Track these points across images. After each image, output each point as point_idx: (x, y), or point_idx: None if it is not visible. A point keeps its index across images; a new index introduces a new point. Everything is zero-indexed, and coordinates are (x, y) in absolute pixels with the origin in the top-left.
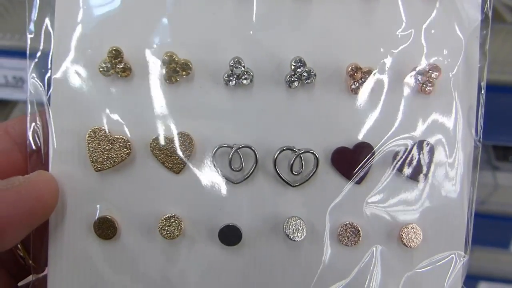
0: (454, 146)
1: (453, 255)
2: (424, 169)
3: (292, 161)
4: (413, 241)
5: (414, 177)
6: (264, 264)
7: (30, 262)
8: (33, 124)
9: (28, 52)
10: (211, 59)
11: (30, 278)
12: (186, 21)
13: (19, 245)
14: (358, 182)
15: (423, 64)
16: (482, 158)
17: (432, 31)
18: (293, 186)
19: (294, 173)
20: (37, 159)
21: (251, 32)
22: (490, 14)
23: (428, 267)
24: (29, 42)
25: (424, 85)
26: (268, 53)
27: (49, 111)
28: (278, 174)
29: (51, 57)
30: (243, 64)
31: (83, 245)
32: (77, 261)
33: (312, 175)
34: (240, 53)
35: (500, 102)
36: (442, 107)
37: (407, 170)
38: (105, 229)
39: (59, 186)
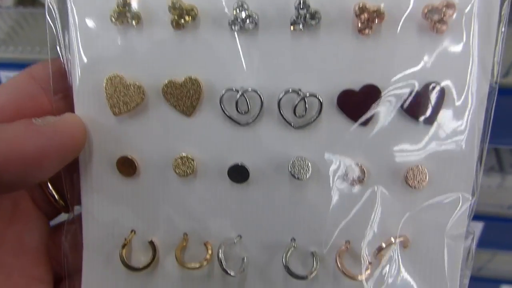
0: (465, 89)
1: (460, 195)
2: (433, 111)
3: (296, 104)
4: (418, 182)
5: (421, 119)
6: (271, 202)
7: (61, 201)
8: (56, 70)
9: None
10: (217, 4)
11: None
12: None
13: (49, 185)
14: (364, 124)
15: (436, 1)
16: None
17: None
18: (296, 128)
19: (297, 115)
20: (62, 103)
21: None
22: None
23: (432, 207)
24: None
25: (437, 24)
26: None
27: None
28: (282, 115)
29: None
30: (246, 8)
31: (109, 181)
32: (106, 196)
33: (316, 118)
34: None
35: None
36: (454, 48)
37: (415, 112)
38: (127, 167)
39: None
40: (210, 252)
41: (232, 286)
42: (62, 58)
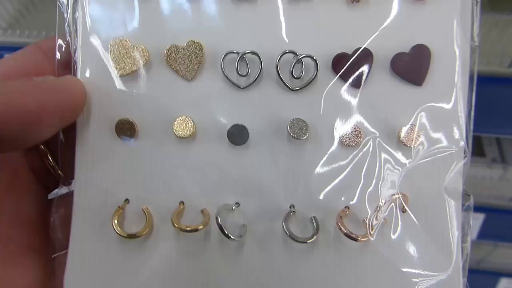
0: (450, 50)
1: (453, 151)
2: (422, 72)
3: (292, 65)
4: (412, 140)
5: (411, 80)
6: (269, 166)
7: (59, 172)
8: (61, 40)
9: None
10: None
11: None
12: None
13: (49, 156)
14: (357, 86)
15: None
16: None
17: None
18: (293, 90)
19: (294, 76)
20: (66, 72)
21: None
22: None
23: (427, 164)
24: None
25: None
26: None
27: (76, 28)
28: (280, 78)
29: None
30: None
31: (106, 145)
32: (101, 161)
33: (312, 80)
34: None
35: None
36: (438, 12)
37: (406, 74)
38: (126, 130)
39: (86, 91)
40: (207, 218)
41: (229, 254)
42: (69, 33)
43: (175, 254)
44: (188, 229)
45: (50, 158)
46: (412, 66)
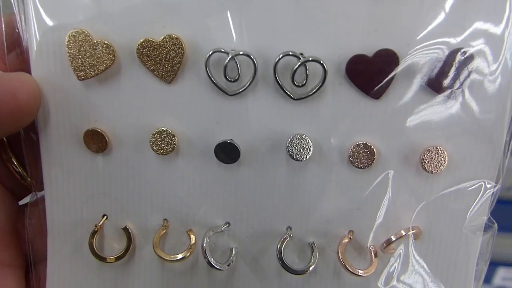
0: (498, 58)
1: (482, 183)
2: (458, 84)
3: (295, 69)
4: (435, 166)
5: (444, 92)
6: (265, 186)
7: (29, 179)
8: (9, 26)
9: None
10: None
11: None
12: None
13: (14, 161)
14: (377, 97)
15: None
16: None
17: None
18: (295, 100)
19: (296, 83)
20: (17, 62)
21: None
22: None
23: (450, 195)
24: None
25: None
26: None
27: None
28: (279, 84)
29: None
30: None
31: (75, 157)
32: (72, 174)
33: (319, 88)
34: None
35: None
36: (488, 9)
37: (438, 84)
38: (96, 142)
39: (43, 94)
40: (193, 241)
41: (219, 281)
42: (17, 13)
43: (160, 278)
44: (171, 258)
45: (15, 163)
46: (447, 75)
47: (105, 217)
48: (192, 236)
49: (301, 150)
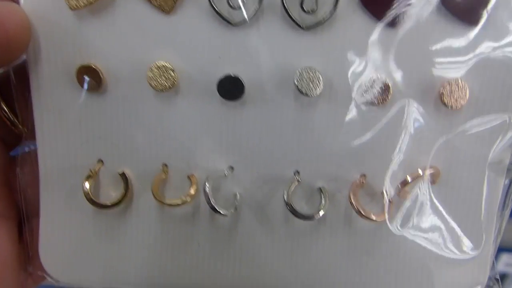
0: None
1: (507, 118)
2: (482, 7)
3: None
4: (456, 99)
5: (467, 18)
6: (271, 126)
7: (20, 126)
8: None
9: None
10: None
11: None
12: None
13: (4, 107)
14: (393, 25)
15: None
16: None
17: None
18: (305, 29)
19: (305, 10)
20: None
21: None
22: None
23: (471, 131)
24: None
25: None
26: None
27: None
28: (287, 12)
29: None
30: None
31: (68, 98)
32: (64, 116)
33: (331, 16)
34: None
35: None
36: None
37: (459, 9)
38: (90, 79)
39: (33, 26)
40: (195, 186)
41: (222, 228)
42: None
43: (160, 226)
44: (172, 202)
45: (4, 108)
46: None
47: (101, 162)
48: (194, 181)
49: (311, 84)
